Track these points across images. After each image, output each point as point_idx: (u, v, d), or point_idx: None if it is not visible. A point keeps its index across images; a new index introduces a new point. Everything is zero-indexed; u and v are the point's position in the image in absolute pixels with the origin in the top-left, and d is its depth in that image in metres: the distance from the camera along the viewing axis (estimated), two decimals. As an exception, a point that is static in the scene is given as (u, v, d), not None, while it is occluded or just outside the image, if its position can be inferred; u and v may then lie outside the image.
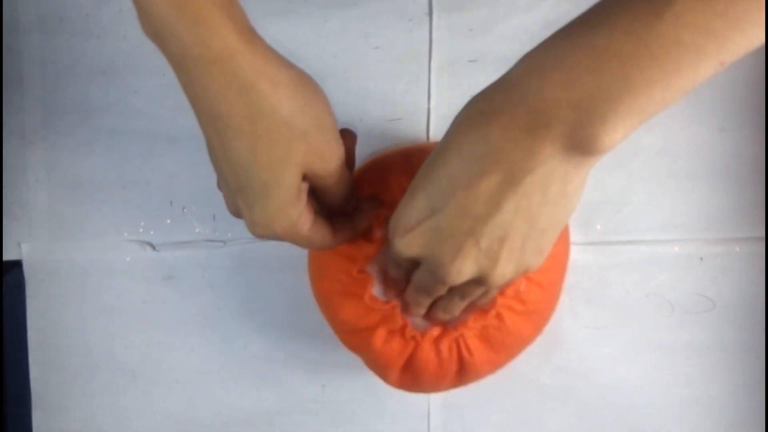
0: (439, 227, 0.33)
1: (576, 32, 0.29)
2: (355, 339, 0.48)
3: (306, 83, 0.34)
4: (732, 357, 0.57)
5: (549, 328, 0.57)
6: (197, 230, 0.57)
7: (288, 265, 0.57)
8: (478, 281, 0.35)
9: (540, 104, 0.29)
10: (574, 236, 0.56)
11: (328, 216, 0.40)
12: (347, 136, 0.39)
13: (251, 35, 0.32)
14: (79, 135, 0.56)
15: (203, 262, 0.57)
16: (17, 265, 0.57)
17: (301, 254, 0.55)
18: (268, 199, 0.35)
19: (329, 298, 0.49)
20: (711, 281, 0.56)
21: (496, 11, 0.55)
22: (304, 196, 0.36)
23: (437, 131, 0.56)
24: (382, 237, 0.44)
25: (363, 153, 0.56)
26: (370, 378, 0.58)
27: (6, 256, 0.57)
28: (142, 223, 0.57)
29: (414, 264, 0.38)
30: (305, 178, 0.36)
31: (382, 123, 0.56)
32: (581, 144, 0.29)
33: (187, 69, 0.31)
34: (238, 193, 0.36)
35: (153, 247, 0.57)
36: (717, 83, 0.55)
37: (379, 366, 0.48)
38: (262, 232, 0.36)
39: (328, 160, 0.35)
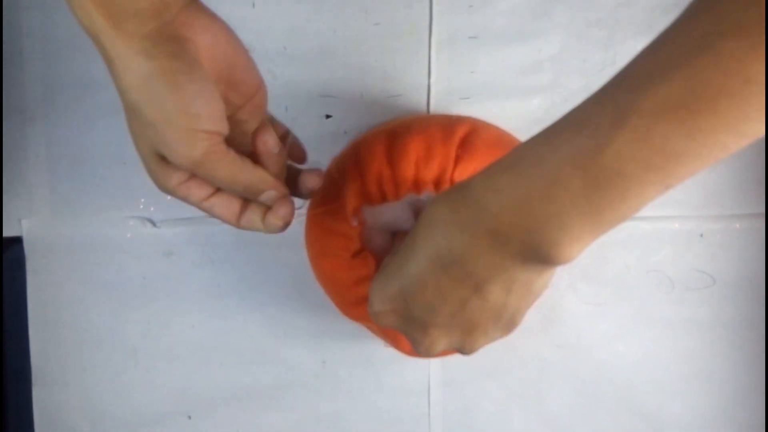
0: (411, 315, 0.36)
1: (529, 158, 0.30)
2: (363, 310, 0.48)
3: (163, 80, 0.33)
4: (732, 333, 0.57)
5: (549, 304, 0.57)
6: (197, 206, 0.57)
7: (288, 241, 0.56)
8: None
9: (498, 226, 0.30)
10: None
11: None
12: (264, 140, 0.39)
13: (122, 20, 0.32)
14: (79, 111, 0.56)
15: (203, 238, 0.57)
16: (17, 241, 0.57)
17: (300, 231, 0.55)
18: (142, 161, 0.37)
19: (332, 274, 0.49)
20: (711, 257, 0.56)
21: (497, -13, 0.55)
22: (175, 172, 0.37)
23: (437, 107, 0.56)
24: (359, 225, 0.46)
25: (364, 129, 0.56)
26: (371, 353, 0.58)
27: (6, 233, 0.57)
28: (143, 200, 0.57)
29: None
30: None
31: (383, 99, 0.56)
32: (540, 259, 0.31)
33: None
34: None
35: (153, 223, 0.57)
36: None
37: (389, 335, 0.48)
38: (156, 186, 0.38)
39: (178, 156, 0.35)
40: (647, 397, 0.58)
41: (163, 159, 0.36)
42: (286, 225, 0.40)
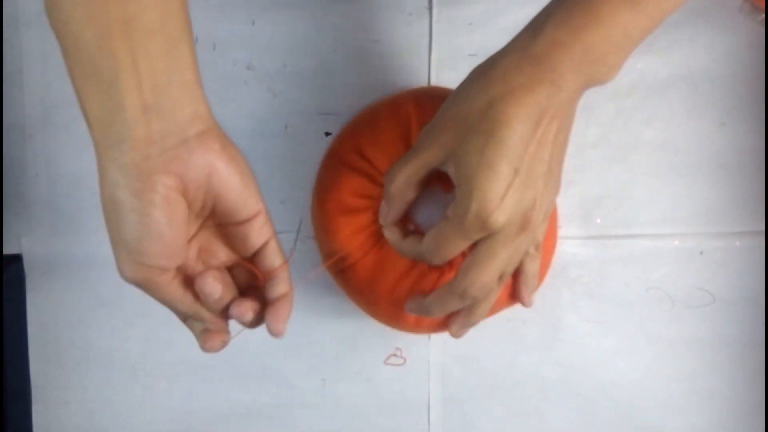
0: (524, 181, 0.37)
1: (582, 6, 0.36)
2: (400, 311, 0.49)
3: (121, 211, 0.34)
4: (732, 351, 0.57)
5: (549, 322, 0.57)
6: (197, 224, 0.57)
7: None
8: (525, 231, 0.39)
9: (565, 73, 0.36)
10: (575, 230, 0.56)
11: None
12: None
13: (109, 142, 0.33)
14: (78, 129, 0.56)
15: (203, 256, 0.57)
16: (17, 259, 0.57)
17: (300, 250, 0.55)
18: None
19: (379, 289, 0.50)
20: (711, 275, 0.56)
21: (496, 5, 0.55)
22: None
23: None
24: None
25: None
26: (371, 371, 0.58)
27: (6, 250, 0.57)
28: (142, 217, 0.57)
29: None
30: None
31: (382, 117, 0.56)
32: (595, 84, 0.38)
33: None
34: None
35: (153, 241, 0.57)
36: (717, 78, 0.55)
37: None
38: None
39: (121, 271, 0.36)
40: (648, 414, 0.58)
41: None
42: (215, 351, 0.40)
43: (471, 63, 0.55)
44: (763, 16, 0.54)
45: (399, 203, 0.43)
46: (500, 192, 0.37)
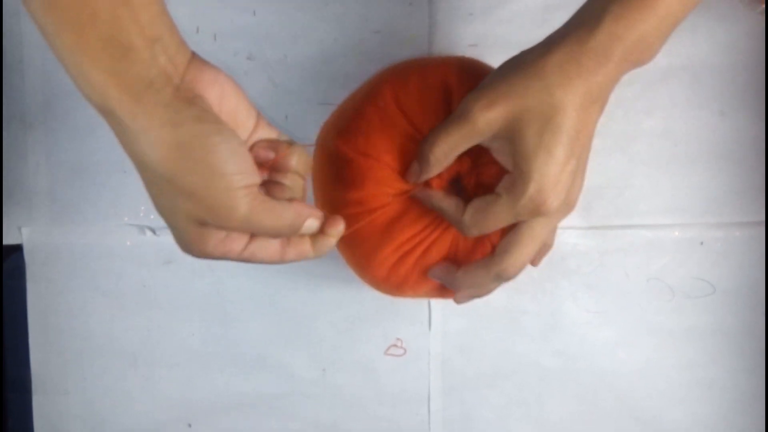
0: (575, 167, 0.39)
1: (600, 8, 0.37)
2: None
3: (196, 145, 0.32)
4: (732, 341, 0.57)
5: (549, 311, 0.57)
6: (197, 214, 0.57)
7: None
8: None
9: (618, 62, 0.37)
10: (575, 221, 0.56)
11: None
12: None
13: (141, 92, 0.31)
14: (79, 119, 0.56)
15: (203, 246, 0.57)
16: (17, 249, 0.57)
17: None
18: (174, 231, 0.36)
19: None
20: (711, 265, 0.56)
21: (497, -5, 0.55)
22: (212, 233, 0.35)
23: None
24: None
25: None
26: (371, 361, 0.58)
27: (6, 240, 0.57)
28: (143, 208, 0.57)
29: None
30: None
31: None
32: (636, 68, 0.38)
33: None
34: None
35: (153, 231, 0.57)
36: (717, 67, 0.55)
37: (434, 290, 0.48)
38: (186, 254, 0.37)
39: (223, 218, 0.34)
40: (647, 404, 0.58)
41: (200, 226, 0.35)
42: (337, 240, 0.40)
43: (471, 53, 0.56)
44: (763, 6, 0.54)
45: (434, 170, 0.42)
46: (556, 177, 0.38)
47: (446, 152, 0.41)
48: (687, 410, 0.58)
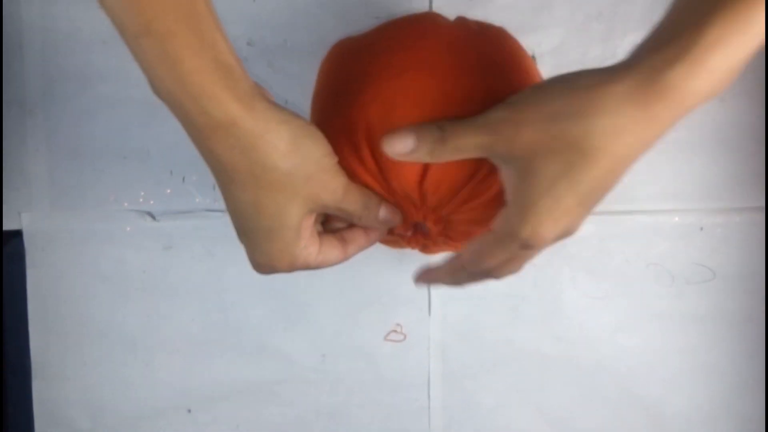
0: (581, 212, 0.34)
1: (690, 31, 0.30)
2: None
3: (305, 134, 0.36)
4: (731, 326, 0.57)
5: (549, 297, 0.57)
6: (197, 200, 0.57)
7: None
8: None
9: (700, 101, 0.32)
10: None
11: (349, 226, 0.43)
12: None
13: (251, 101, 0.34)
14: (79, 104, 0.56)
15: (203, 231, 0.57)
16: (17, 234, 0.57)
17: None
18: (271, 243, 0.38)
19: None
20: (711, 251, 0.56)
21: (497, -20, 0.55)
22: (306, 233, 0.39)
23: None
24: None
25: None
26: (371, 348, 0.58)
27: (6, 226, 0.57)
28: (142, 193, 0.57)
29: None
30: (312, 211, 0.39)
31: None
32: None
33: (193, 132, 0.34)
34: (242, 236, 0.39)
35: (153, 216, 0.57)
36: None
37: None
38: (264, 271, 0.40)
39: (333, 191, 0.38)
40: (647, 389, 0.58)
41: (308, 216, 0.38)
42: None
43: (471, 39, 0.56)
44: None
45: (445, 154, 0.38)
46: (555, 223, 0.34)
47: (454, 148, 0.37)
48: (687, 395, 0.58)
